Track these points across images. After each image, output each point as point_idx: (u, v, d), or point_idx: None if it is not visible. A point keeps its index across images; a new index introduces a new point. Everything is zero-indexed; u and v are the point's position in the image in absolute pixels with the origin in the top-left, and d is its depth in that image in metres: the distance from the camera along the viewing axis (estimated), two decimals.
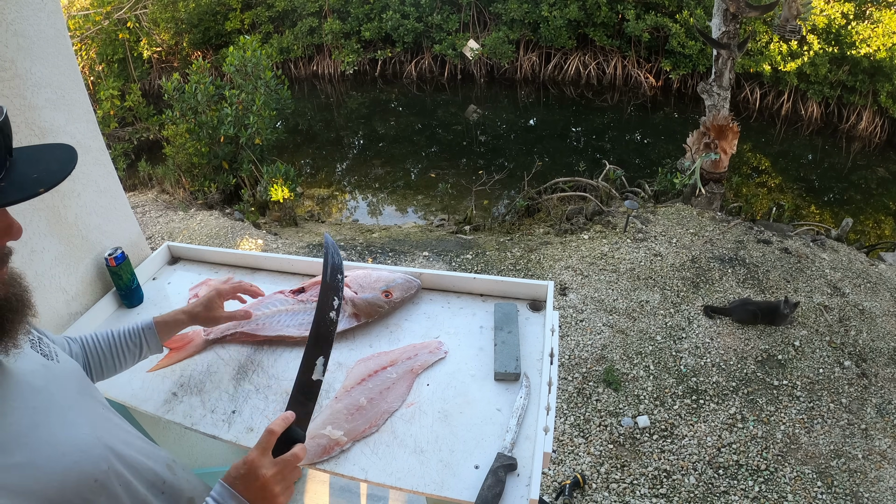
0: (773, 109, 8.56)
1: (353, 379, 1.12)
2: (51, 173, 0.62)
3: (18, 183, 0.59)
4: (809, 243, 4.47)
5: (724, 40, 4.85)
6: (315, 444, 0.99)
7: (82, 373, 0.82)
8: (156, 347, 1.09)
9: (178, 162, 6.13)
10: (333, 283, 0.97)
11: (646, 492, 2.59)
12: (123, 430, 0.79)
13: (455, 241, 4.90)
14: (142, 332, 1.06)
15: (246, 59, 5.95)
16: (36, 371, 0.70)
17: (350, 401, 1.07)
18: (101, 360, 1.03)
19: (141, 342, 1.06)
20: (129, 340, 1.05)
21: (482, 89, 10.20)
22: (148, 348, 1.08)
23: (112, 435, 0.75)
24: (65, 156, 0.65)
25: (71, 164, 0.64)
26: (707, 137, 5.07)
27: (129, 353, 1.06)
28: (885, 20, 7.15)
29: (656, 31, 8.94)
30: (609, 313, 3.67)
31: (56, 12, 1.25)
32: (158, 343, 1.08)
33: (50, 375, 0.72)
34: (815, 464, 2.71)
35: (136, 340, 1.06)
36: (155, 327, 1.07)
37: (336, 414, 1.05)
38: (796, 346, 3.38)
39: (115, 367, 1.05)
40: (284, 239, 5.00)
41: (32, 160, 0.63)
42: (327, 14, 10.50)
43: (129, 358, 1.06)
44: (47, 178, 0.61)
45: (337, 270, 1.00)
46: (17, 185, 0.59)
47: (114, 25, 9.52)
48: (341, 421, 1.03)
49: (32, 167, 0.62)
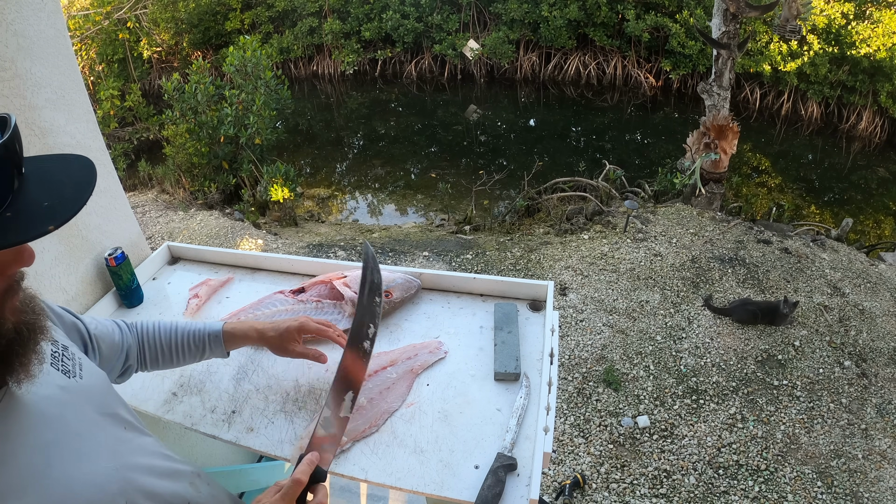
0: (773, 109, 8.56)
1: None
2: (65, 202, 0.54)
3: (27, 213, 0.52)
4: (809, 243, 4.47)
5: (724, 40, 4.85)
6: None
7: (106, 386, 0.77)
8: (220, 354, 1.05)
9: (178, 162, 6.13)
10: (371, 305, 0.86)
11: (646, 492, 2.59)
12: (146, 452, 0.74)
13: (455, 241, 4.90)
14: (207, 337, 1.02)
15: (246, 59, 5.95)
16: (51, 397, 0.64)
17: None
18: (158, 352, 1.00)
19: (204, 346, 1.02)
20: (191, 341, 1.01)
21: (482, 89, 10.20)
22: (210, 352, 1.04)
23: (132, 462, 0.70)
24: (82, 175, 0.58)
25: (88, 188, 0.57)
26: (707, 137, 5.07)
27: (189, 354, 1.02)
28: (885, 20, 7.15)
29: (656, 31, 8.94)
30: (609, 313, 3.67)
31: (56, 12, 1.24)
32: (223, 350, 1.04)
33: (67, 399, 0.66)
34: (815, 464, 2.71)
35: (200, 344, 1.02)
36: (222, 336, 1.02)
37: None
38: (796, 346, 3.38)
39: (172, 362, 1.02)
40: (284, 239, 5.00)
41: (45, 180, 0.56)
42: (327, 14, 10.50)
43: (188, 357, 1.03)
44: (60, 208, 0.53)
45: (376, 290, 0.89)
46: (26, 216, 0.52)
47: (114, 25, 9.52)
48: None
49: (44, 190, 0.55)
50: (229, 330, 1.03)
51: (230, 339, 1.03)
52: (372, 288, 0.88)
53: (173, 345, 1.00)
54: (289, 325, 1.03)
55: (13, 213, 0.50)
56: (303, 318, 1.05)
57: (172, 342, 1.00)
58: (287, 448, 1.02)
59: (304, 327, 1.04)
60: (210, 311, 1.39)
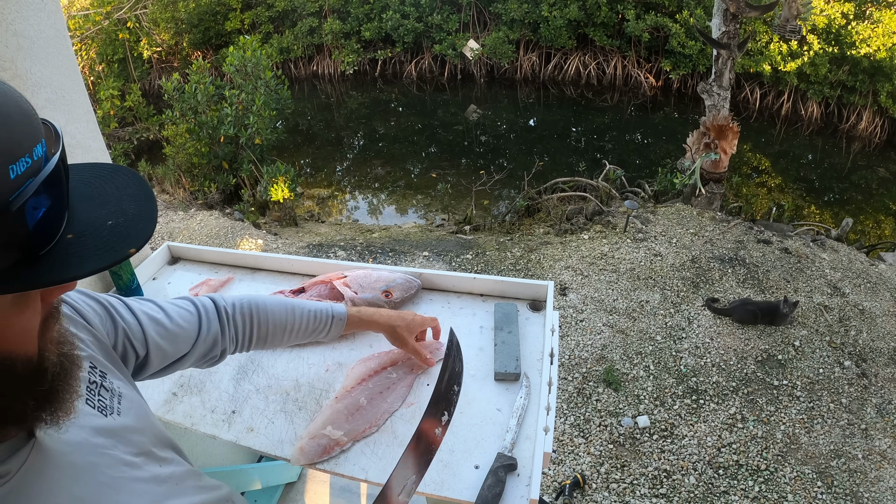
0: (773, 109, 8.56)
1: (353, 379, 1.12)
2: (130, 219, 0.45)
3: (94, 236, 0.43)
4: (809, 243, 4.47)
5: (724, 40, 4.85)
6: (315, 444, 0.99)
7: (144, 417, 0.66)
8: (334, 337, 1.03)
9: (178, 162, 6.13)
10: (448, 393, 0.83)
11: (646, 492, 2.59)
12: (184, 492, 0.66)
13: (455, 241, 4.90)
14: (332, 319, 0.99)
15: (246, 59, 5.95)
16: (84, 443, 0.55)
17: (350, 401, 1.07)
18: (268, 332, 0.93)
19: (325, 327, 0.99)
20: (311, 320, 0.97)
21: (482, 89, 10.21)
22: (327, 335, 1.01)
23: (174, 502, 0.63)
24: (131, 186, 0.49)
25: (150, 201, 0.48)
26: (707, 137, 5.07)
27: (304, 332, 0.97)
28: (885, 20, 7.15)
29: (656, 31, 8.94)
30: (609, 313, 3.67)
31: (56, 12, 1.24)
32: (339, 334, 1.03)
33: (101, 443, 0.58)
34: (815, 464, 2.71)
35: (322, 324, 0.98)
36: (347, 321, 1.00)
37: (336, 414, 1.05)
38: (796, 346, 3.38)
39: (283, 340, 0.97)
40: (284, 239, 5.00)
41: (92, 195, 0.46)
42: (327, 14, 10.51)
43: (302, 335, 0.98)
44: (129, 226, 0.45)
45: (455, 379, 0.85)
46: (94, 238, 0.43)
47: (114, 25, 9.53)
48: (341, 421, 1.03)
49: (97, 206, 0.46)
50: (354, 317, 1.02)
51: (355, 323, 1.03)
52: (452, 376, 0.86)
53: (289, 324, 0.95)
54: (423, 320, 1.07)
55: (76, 236, 0.42)
56: (434, 319, 1.09)
57: (289, 321, 0.95)
58: (287, 448, 1.02)
59: (425, 323, 1.08)
60: None
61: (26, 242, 0.38)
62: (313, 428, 1.01)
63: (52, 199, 0.40)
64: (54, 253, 0.40)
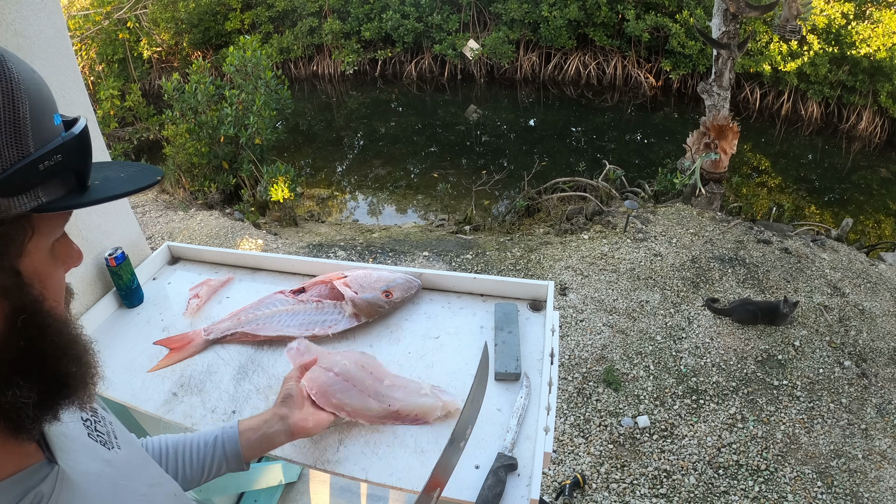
0: (773, 109, 8.56)
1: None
2: (137, 174, 0.55)
3: (114, 181, 0.52)
4: (809, 243, 4.47)
5: (724, 40, 4.85)
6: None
7: (144, 455, 0.67)
8: (247, 458, 0.87)
9: (178, 162, 6.13)
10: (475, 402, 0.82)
11: (646, 492, 2.59)
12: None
13: (455, 241, 4.90)
14: (221, 440, 0.84)
15: (246, 59, 5.95)
16: (101, 473, 0.55)
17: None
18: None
19: (219, 451, 0.85)
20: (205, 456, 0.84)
21: (482, 89, 10.21)
22: (227, 468, 0.86)
23: None
24: (133, 167, 0.58)
25: (151, 170, 0.57)
26: (707, 137, 5.07)
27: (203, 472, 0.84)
28: (885, 20, 7.16)
29: (656, 31, 8.94)
30: (609, 313, 3.67)
31: (56, 12, 1.24)
32: (241, 463, 0.86)
33: (115, 474, 0.57)
34: (815, 464, 2.71)
35: (215, 460, 0.84)
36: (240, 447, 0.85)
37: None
38: (796, 346, 3.38)
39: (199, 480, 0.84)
40: (284, 239, 5.00)
41: (103, 166, 0.56)
42: (327, 14, 10.51)
43: (200, 477, 0.84)
44: (139, 177, 0.54)
45: (482, 390, 0.85)
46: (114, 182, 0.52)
47: (114, 25, 9.53)
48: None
49: (110, 168, 0.56)
50: (246, 442, 0.86)
51: (248, 448, 0.86)
52: (480, 384, 0.84)
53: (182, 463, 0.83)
54: (292, 392, 0.92)
55: (101, 181, 0.51)
56: (290, 382, 0.95)
57: (182, 460, 0.84)
58: (287, 448, 1.02)
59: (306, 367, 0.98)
60: (210, 310, 1.39)
61: (80, 173, 0.48)
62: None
63: (84, 151, 0.49)
64: (91, 188, 0.50)
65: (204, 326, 1.30)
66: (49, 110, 0.46)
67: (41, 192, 0.44)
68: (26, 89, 0.43)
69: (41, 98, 0.45)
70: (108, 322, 1.38)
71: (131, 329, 1.35)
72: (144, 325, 1.36)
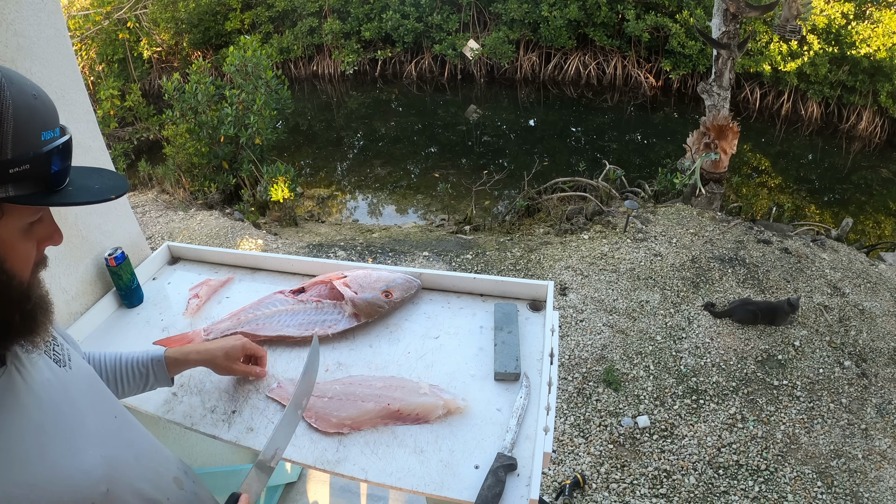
0: (773, 109, 8.56)
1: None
2: (109, 187, 0.66)
3: (86, 189, 0.63)
4: (809, 243, 4.47)
5: (724, 40, 4.85)
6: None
7: (95, 378, 0.79)
8: (164, 381, 1.04)
9: (178, 162, 6.13)
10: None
11: (646, 492, 2.59)
12: (133, 446, 0.77)
13: (455, 241, 4.90)
14: (150, 363, 1.01)
15: (246, 59, 5.95)
16: (47, 381, 0.67)
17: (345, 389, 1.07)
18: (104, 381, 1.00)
19: (148, 374, 1.02)
20: (135, 369, 1.01)
21: (482, 89, 10.21)
22: (155, 380, 1.03)
23: (119, 453, 0.73)
24: (110, 180, 0.68)
25: (123, 182, 0.68)
26: (707, 137, 5.07)
27: (134, 383, 1.01)
28: (885, 20, 7.16)
29: (656, 31, 8.94)
30: (609, 313, 3.67)
31: (56, 12, 1.24)
32: (167, 377, 1.03)
33: (61, 386, 0.69)
34: (815, 464, 2.71)
35: (144, 370, 1.01)
36: (165, 362, 1.02)
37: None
38: (796, 346, 3.38)
39: (118, 393, 1.00)
40: (284, 239, 5.00)
41: (82, 175, 0.66)
42: (327, 14, 10.51)
43: (132, 387, 1.01)
44: (108, 189, 0.65)
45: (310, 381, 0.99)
46: (86, 190, 0.63)
47: (114, 25, 9.53)
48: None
49: (87, 179, 0.66)
50: (171, 357, 1.02)
51: (173, 364, 1.03)
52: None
53: (118, 374, 0.99)
54: (233, 345, 1.07)
55: (75, 189, 0.62)
56: (245, 339, 1.10)
57: (118, 371, 0.99)
58: (288, 448, 1.02)
59: (246, 347, 1.09)
60: (210, 310, 1.39)
61: (47, 179, 0.59)
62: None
63: (63, 161, 0.60)
64: (62, 192, 0.61)
65: (204, 326, 1.30)
66: (38, 128, 0.57)
67: (10, 188, 0.55)
68: (15, 112, 0.54)
69: (31, 118, 0.56)
70: (108, 322, 1.38)
71: (131, 329, 1.35)
72: (144, 325, 1.36)
